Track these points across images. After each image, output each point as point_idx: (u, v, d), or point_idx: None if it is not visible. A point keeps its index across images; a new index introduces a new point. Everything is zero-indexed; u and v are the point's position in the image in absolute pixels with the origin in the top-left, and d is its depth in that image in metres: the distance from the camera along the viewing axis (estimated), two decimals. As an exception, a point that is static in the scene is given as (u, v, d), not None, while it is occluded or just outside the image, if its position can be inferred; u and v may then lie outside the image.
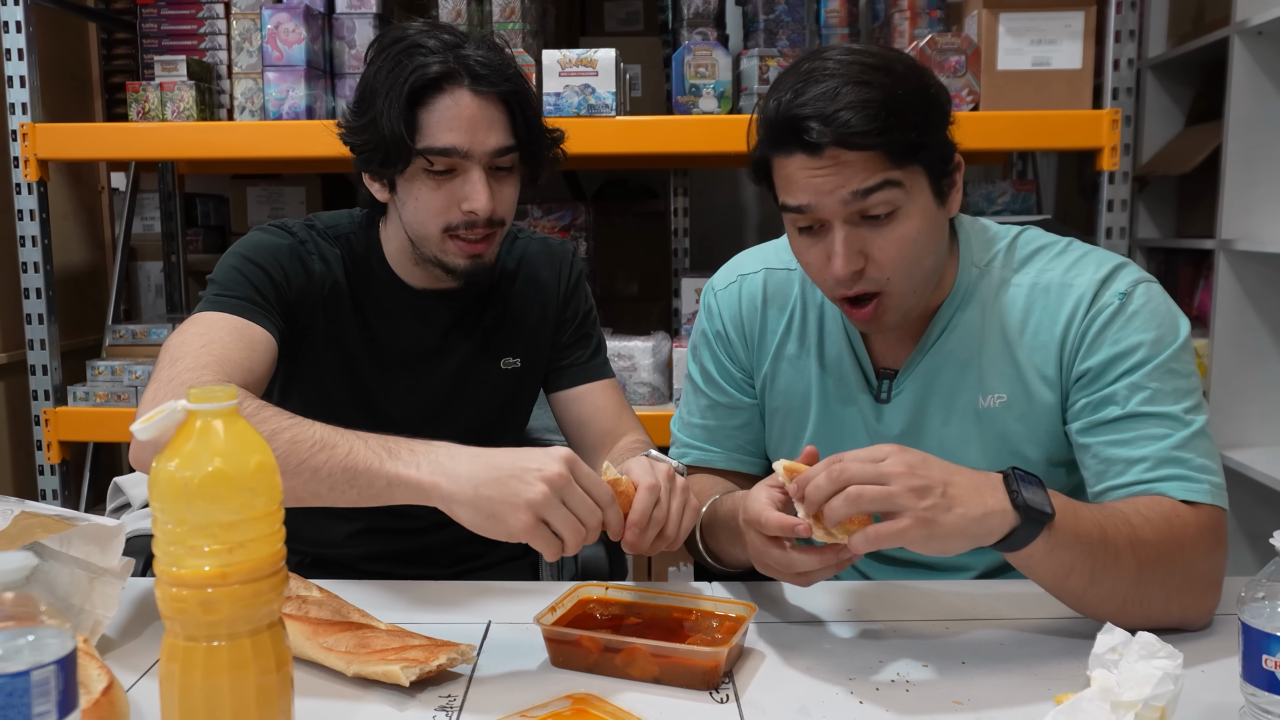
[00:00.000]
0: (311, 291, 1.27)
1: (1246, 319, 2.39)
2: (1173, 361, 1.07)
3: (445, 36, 1.20)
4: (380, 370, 1.31)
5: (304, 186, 2.89)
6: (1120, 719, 0.78)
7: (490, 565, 1.42)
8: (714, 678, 0.91)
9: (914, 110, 1.02)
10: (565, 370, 1.41)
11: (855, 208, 1.03)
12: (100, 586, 0.97)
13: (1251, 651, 0.76)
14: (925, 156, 1.04)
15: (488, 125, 1.18)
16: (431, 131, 1.17)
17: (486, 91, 1.18)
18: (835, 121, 0.99)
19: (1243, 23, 2.31)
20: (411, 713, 0.88)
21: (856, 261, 1.05)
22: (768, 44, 2.23)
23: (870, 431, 1.19)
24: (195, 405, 0.70)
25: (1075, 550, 0.94)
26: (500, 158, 1.20)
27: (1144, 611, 0.97)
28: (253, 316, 1.17)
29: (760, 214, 3.30)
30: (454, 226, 1.21)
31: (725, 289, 1.28)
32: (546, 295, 1.40)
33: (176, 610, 0.70)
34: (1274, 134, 2.37)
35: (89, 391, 2.33)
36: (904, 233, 1.04)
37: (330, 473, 0.97)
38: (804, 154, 1.02)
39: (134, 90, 2.19)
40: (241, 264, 1.22)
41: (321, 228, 1.31)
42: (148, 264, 3.07)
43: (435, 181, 1.19)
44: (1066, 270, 1.13)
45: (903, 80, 1.03)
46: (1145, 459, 1.04)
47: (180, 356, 1.09)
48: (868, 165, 1.01)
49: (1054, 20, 2.02)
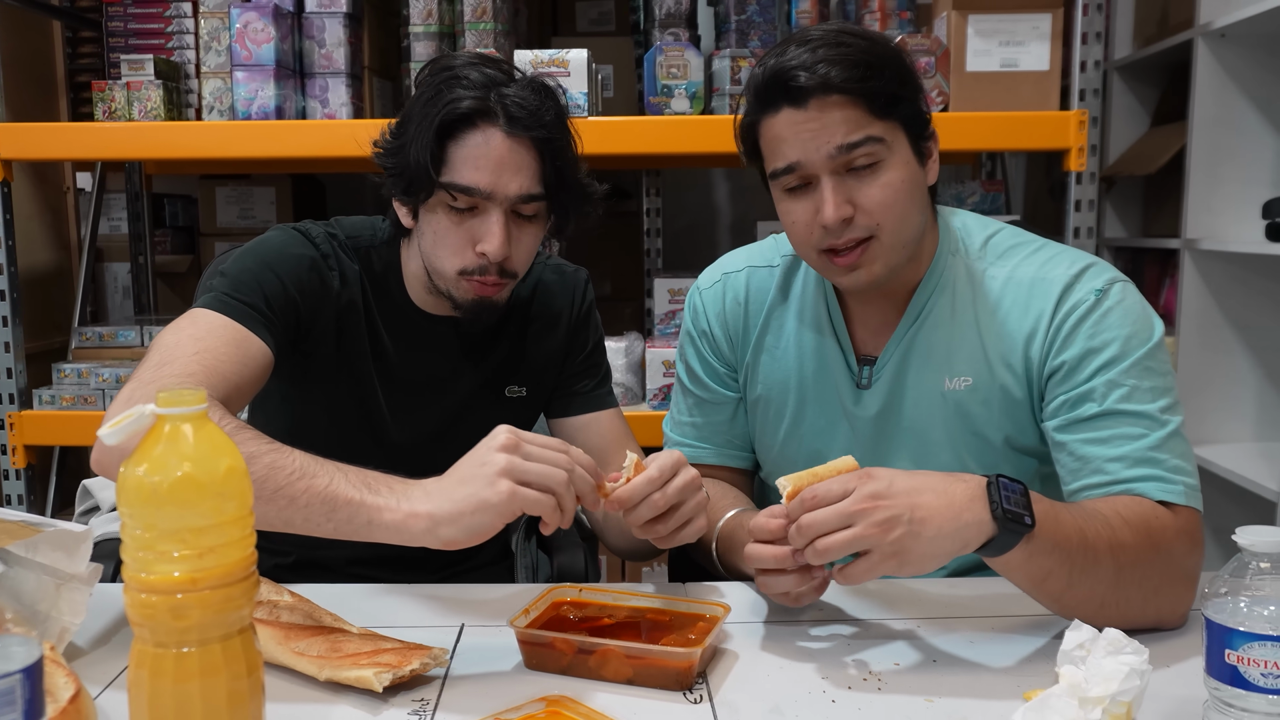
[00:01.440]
0: (327, 309, 1.25)
1: (1211, 317, 2.43)
2: (1148, 359, 1.08)
3: (491, 71, 1.17)
4: (389, 394, 1.30)
5: (274, 187, 2.86)
6: (1088, 714, 0.79)
7: (471, 569, 1.42)
8: (687, 678, 0.92)
9: (890, 67, 1.09)
10: (571, 398, 1.39)
11: (841, 160, 1.07)
12: (67, 593, 0.95)
13: (1215, 646, 0.77)
14: (903, 111, 1.09)
15: (515, 169, 1.15)
16: (457, 167, 1.15)
17: (519, 135, 1.15)
18: (817, 70, 1.05)
19: (1206, 25, 2.34)
20: (384, 717, 0.87)
21: (845, 209, 1.08)
22: (739, 44, 2.24)
23: (849, 416, 1.20)
24: (164, 409, 0.70)
25: (1054, 556, 0.95)
26: (524, 204, 1.17)
27: (1121, 612, 0.98)
28: (256, 327, 1.14)
29: (733, 214, 3.31)
30: (469, 271, 1.18)
31: (710, 288, 1.29)
32: (559, 324, 1.38)
33: (146, 616, 0.69)
34: (1237, 135, 2.41)
35: (55, 395, 2.30)
36: (889, 180, 1.08)
37: (308, 502, 0.95)
38: (790, 106, 1.07)
39: (100, 89, 2.16)
40: (260, 268, 1.19)
41: (343, 238, 1.28)
42: (115, 265, 3.03)
43: (456, 218, 1.17)
44: (1040, 266, 1.15)
45: (879, 44, 1.10)
46: (1121, 458, 1.05)
47: (170, 360, 1.06)
48: (850, 118, 1.06)
49: (1022, 22, 2.04)
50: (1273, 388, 2.44)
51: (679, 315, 2.36)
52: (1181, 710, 0.86)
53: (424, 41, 2.20)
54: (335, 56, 2.19)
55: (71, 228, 2.95)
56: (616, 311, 2.78)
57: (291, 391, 1.30)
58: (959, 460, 1.17)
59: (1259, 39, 2.35)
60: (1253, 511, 2.22)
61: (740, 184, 3.28)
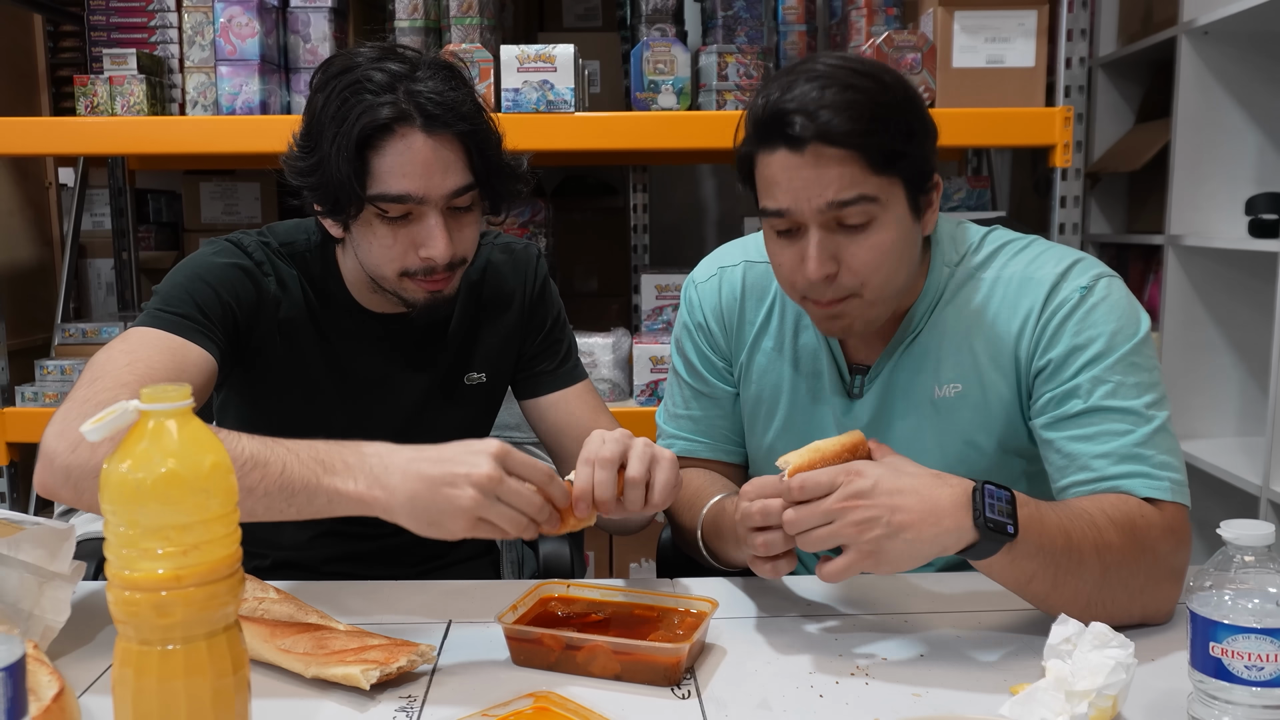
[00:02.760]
0: (266, 315, 1.22)
1: (1194, 313, 2.44)
2: (1134, 355, 1.08)
3: (394, 67, 1.11)
4: (343, 396, 1.28)
5: (258, 182, 2.84)
6: (1074, 708, 0.79)
7: (453, 564, 1.42)
8: (675, 674, 0.91)
9: (897, 118, 1.04)
10: (537, 378, 1.36)
11: (831, 216, 1.04)
12: (50, 591, 0.95)
13: (1199, 639, 0.78)
14: (904, 167, 1.05)
15: (443, 168, 1.11)
16: (383, 178, 1.10)
17: (440, 132, 1.10)
18: (819, 118, 1.00)
19: (1189, 23, 2.35)
20: (372, 713, 0.87)
21: (829, 266, 1.05)
22: (726, 40, 2.24)
23: (840, 426, 1.20)
24: (147, 405, 0.69)
25: (1038, 559, 0.95)
26: (458, 198, 1.14)
27: (1107, 611, 0.98)
28: (190, 335, 1.12)
29: (719, 210, 3.31)
30: (411, 272, 1.15)
31: (706, 281, 1.28)
32: (512, 305, 1.35)
33: (129, 614, 0.69)
34: (1220, 132, 2.42)
35: (38, 391, 2.28)
36: (878, 242, 1.05)
37: (266, 491, 0.94)
38: (786, 149, 1.03)
39: (82, 84, 2.14)
40: (189, 280, 1.17)
41: (277, 245, 1.25)
42: (98, 261, 3.01)
43: (390, 227, 1.13)
44: (1028, 264, 1.14)
45: (889, 89, 1.04)
46: (1107, 455, 1.05)
47: (100, 375, 1.04)
48: (846, 174, 1.02)
49: (1008, 19, 2.04)
50: (1255, 383, 2.46)
51: (666, 311, 2.36)
52: (1166, 702, 0.87)
53: (409, 36, 2.19)
54: (320, 51, 2.17)
55: (54, 223, 2.93)
56: (603, 307, 2.77)
57: (245, 408, 1.28)
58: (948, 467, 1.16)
59: (1242, 36, 2.37)
60: (1236, 505, 2.23)
61: (727, 180, 3.28)
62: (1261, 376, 2.41)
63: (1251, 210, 2.28)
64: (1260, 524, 0.79)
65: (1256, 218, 2.24)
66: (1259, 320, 2.38)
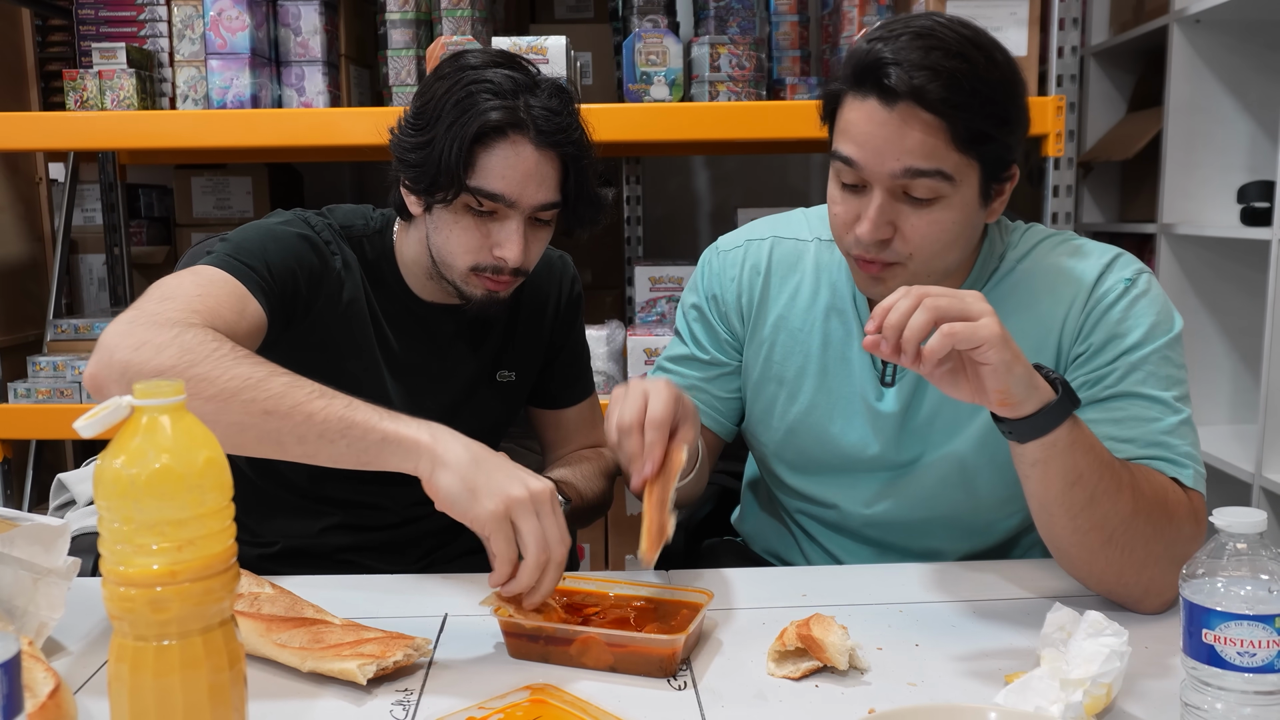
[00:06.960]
0: (328, 291, 1.25)
1: (1187, 301, 2.45)
2: (1168, 349, 1.10)
3: (517, 76, 1.18)
4: (395, 383, 1.31)
5: (250, 176, 2.83)
6: (1069, 696, 0.80)
7: (454, 556, 1.42)
8: (671, 665, 0.92)
9: (994, 98, 1.03)
10: (554, 395, 1.44)
11: (900, 184, 1.04)
12: (45, 587, 0.95)
13: (1193, 626, 0.78)
14: (987, 151, 1.04)
15: (539, 181, 1.17)
16: (485, 174, 1.16)
17: (547, 148, 1.17)
18: (915, 79, 0.99)
19: (1181, 11, 2.35)
20: (369, 707, 0.87)
21: (884, 231, 1.05)
22: (718, 31, 2.23)
23: (870, 410, 1.20)
24: (141, 400, 0.69)
25: (1089, 458, 0.96)
26: (543, 211, 1.20)
27: (1122, 557, 0.99)
28: (254, 289, 1.15)
29: (713, 202, 3.31)
30: (481, 268, 1.21)
31: (731, 250, 1.28)
32: (545, 311, 1.40)
33: (125, 610, 0.69)
34: (1212, 120, 2.42)
35: (30, 388, 2.27)
36: (939, 218, 1.05)
37: (325, 419, 0.97)
38: (878, 100, 1.02)
39: (71, 78, 2.13)
40: (263, 238, 1.20)
41: (338, 226, 1.29)
42: (89, 257, 3.00)
43: (476, 218, 1.19)
44: (1071, 256, 1.15)
45: (998, 68, 1.03)
46: (1133, 439, 1.06)
47: (172, 297, 1.06)
48: (929, 143, 1.01)
49: (999, 7, 2.04)
50: (1247, 370, 2.47)
51: (660, 303, 2.36)
52: (1160, 689, 0.87)
53: (400, 29, 2.18)
54: (311, 44, 2.17)
55: (45, 219, 2.91)
56: (597, 300, 2.77)
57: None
58: (984, 454, 1.17)
59: (1234, 25, 2.37)
60: (1228, 493, 2.24)
61: (721, 171, 3.28)
62: (1254, 364, 2.42)
63: (1243, 198, 2.28)
64: (1252, 511, 0.79)
65: (1248, 206, 2.24)
66: (1251, 308, 2.39)
